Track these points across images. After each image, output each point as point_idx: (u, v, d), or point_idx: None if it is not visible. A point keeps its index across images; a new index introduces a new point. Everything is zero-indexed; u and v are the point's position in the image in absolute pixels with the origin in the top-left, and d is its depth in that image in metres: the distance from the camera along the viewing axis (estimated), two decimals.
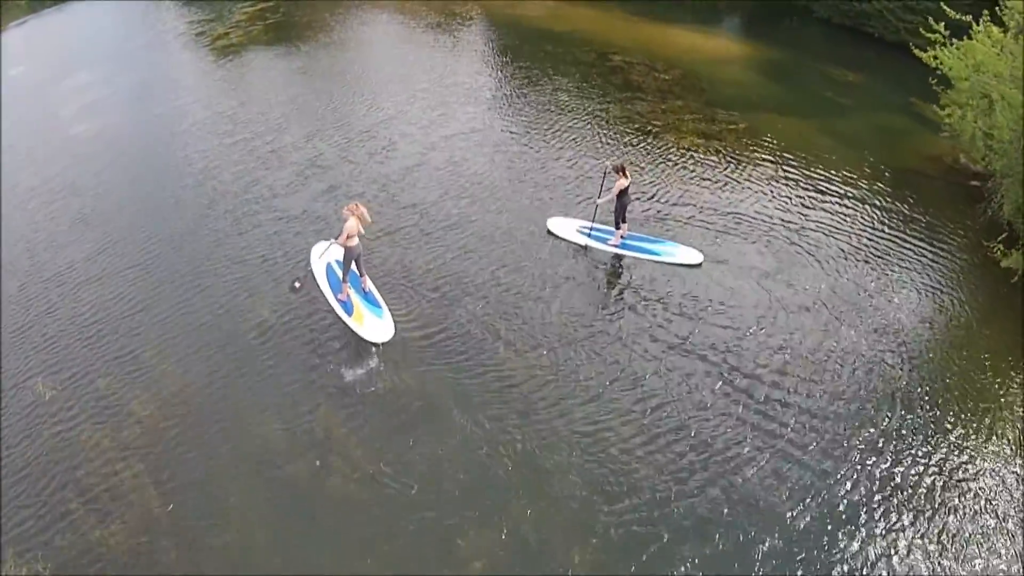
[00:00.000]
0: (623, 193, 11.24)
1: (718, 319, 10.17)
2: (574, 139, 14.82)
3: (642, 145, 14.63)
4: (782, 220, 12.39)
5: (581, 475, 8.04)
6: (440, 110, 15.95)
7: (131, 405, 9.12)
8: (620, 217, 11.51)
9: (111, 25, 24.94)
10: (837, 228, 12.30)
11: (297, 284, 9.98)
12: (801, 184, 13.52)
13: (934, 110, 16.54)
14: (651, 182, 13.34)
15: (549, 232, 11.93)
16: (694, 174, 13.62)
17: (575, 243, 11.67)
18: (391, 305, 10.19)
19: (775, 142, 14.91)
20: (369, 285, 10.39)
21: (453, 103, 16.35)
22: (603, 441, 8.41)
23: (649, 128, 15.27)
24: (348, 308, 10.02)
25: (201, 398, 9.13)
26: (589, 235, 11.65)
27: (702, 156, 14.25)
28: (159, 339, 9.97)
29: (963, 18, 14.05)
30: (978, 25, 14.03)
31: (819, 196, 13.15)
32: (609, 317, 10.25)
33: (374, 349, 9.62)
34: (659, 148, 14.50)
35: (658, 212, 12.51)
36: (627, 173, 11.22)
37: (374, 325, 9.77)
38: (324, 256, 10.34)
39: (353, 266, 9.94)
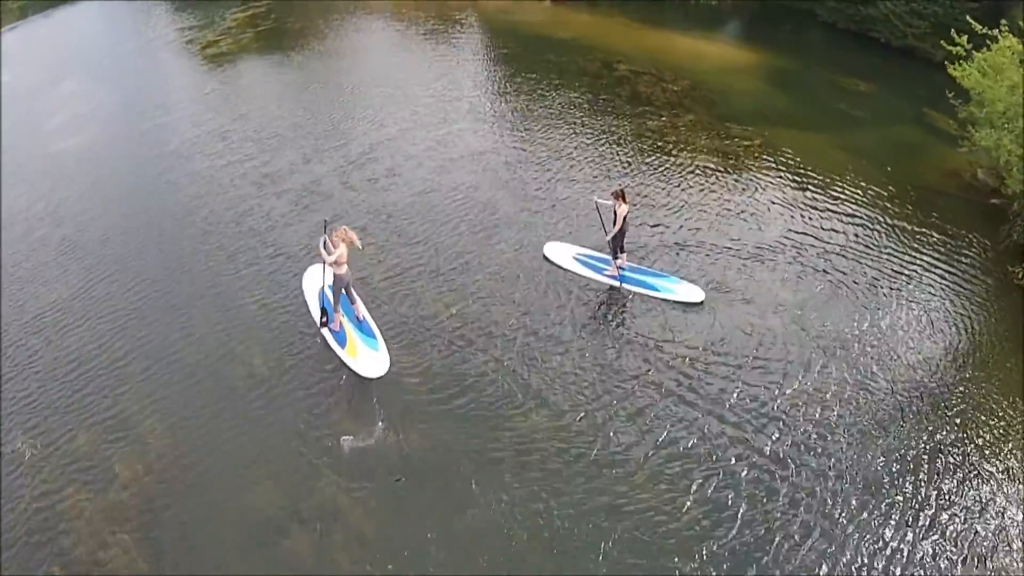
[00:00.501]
0: (624, 220, 10.26)
1: (757, 372, 9.22)
2: (587, 160, 13.78)
3: (656, 165, 13.64)
4: (807, 245, 11.54)
5: (619, 559, 7.14)
6: (443, 128, 14.88)
7: (116, 467, 8.17)
8: (619, 246, 10.51)
9: (100, 31, 23.63)
10: (864, 254, 11.47)
11: (324, 319, 9.33)
12: (822, 205, 12.65)
13: (947, 121, 15.95)
14: (667, 207, 12.38)
15: (545, 258, 11.01)
16: (712, 197, 12.69)
17: (574, 273, 10.75)
18: (399, 356, 9.26)
19: (792, 159, 14.01)
20: (363, 312, 9.61)
21: (457, 120, 15.28)
22: (641, 520, 7.49)
23: (662, 146, 14.29)
24: (341, 339, 9.24)
25: (191, 460, 8.17)
26: (619, 275, 10.66)
27: (719, 176, 13.31)
28: (145, 394, 8.95)
29: (990, 32, 13.29)
30: (1000, 35, 13.31)
31: (842, 218, 12.29)
32: (642, 372, 9.22)
33: (376, 404, 8.73)
34: (673, 169, 13.53)
35: (675, 240, 11.57)
36: (626, 198, 10.22)
37: (368, 358, 8.96)
38: (322, 282, 9.59)
39: (344, 293, 9.30)
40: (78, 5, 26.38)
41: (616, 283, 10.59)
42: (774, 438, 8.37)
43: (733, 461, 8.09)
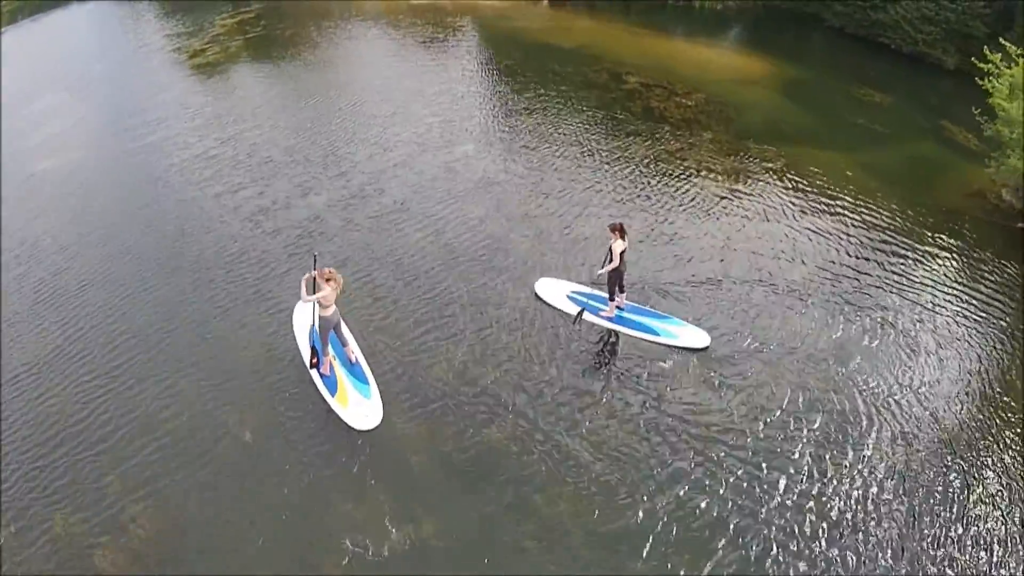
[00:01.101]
0: (619, 257, 8.97)
1: (803, 442, 7.95)
2: (604, 189, 12.35)
3: (678, 192, 12.29)
4: (842, 278, 10.39)
5: None
6: (449, 152, 13.38)
7: (97, 560, 6.92)
8: (616, 285, 9.26)
9: (86, 37, 21.91)
10: (902, 292, 10.27)
11: (315, 360, 8.46)
12: (854, 233, 11.42)
13: (965, 135, 14.86)
14: (691, 239, 11.08)
15: (536, 297, 9.78)
16: (738, 227, 11.42)
17: (565, 312, 9.48)
18: (400, 415, 8.05)
19: (818, 182, 12.76)
20: (356, 355, 8.60)
21: (464, 141, 13.80)
22: None
23: (682, 171, 12.94)
24: (331, 385, 8.32)
25: (178, 554, 6.93)
26: (585, 306, 9.43)
27: (744, 203, 12.03)
28: (128, 475, 7.61)
29: (1019, 51, 12.20)
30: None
31: (876, 248, 11.12)
32: (670, 447, 7.88)
33: (377, 479, 7.47)
34: (696, 196, 12.23)
35: (705, 277, 10.28)
36: (624, 234, 8.91)
37: (360, 407, 8.10)
38: (312, 321, 8.56)
39: (334, 333, 8.41)
40: (70, 8, 24.63)
41: (612, 325, 9.32)
42: (832, 542, 7.06)
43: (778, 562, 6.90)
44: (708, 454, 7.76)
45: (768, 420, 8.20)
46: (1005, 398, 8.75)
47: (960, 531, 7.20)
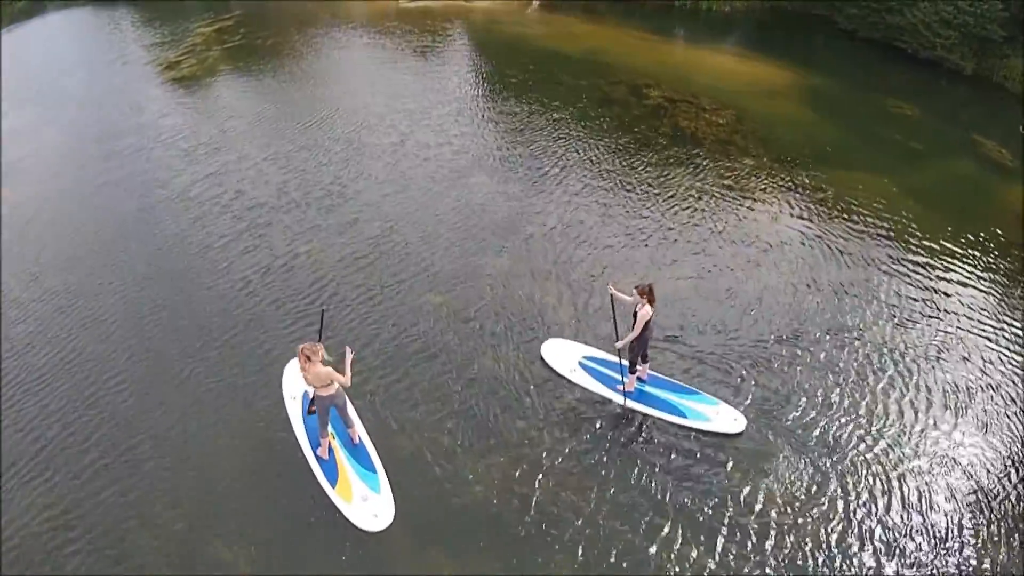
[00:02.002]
0: (645, 325, 7.19)
1: None
2: (649, 232, 10.26)
3: (729, 236, 10.24)
4: (922, 336, 8.60)
5: None
6: (468, 190, 11.13)
7: None
8: (639, 355, 7.44)
9: (59, 49, 18.80)
10: (995, 349, 8.58)
11: (313, 408, 6.80)
12: (923, 280, 9.57)
13: (999, 150, 13.41)
14: (743, 291, 9.12)
15: (541, 359, 7.97)
16: (798, 274, 9.51)
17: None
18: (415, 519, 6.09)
19: (868, 213, 10.88)
20: (360, 435, 7.02)
21: (483, 176, 11.54)
22: None
23: (729, 206, 10.91)
24: (331, 474, 6.74)
25: None
26: (617, 390, 7.61)
27: (804, 246, 10.10)
28: None
29: None
30: None
31: (951, 299, 9.29)
32: None
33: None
34: (750, 238, 10.21)
35: (773, 335, 8.42)
36: (653, 298, 7.13)
37: (365, 500, 6.49)
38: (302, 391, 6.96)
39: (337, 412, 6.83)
40: (48, 17, 21.52)
41: (630, 402, 7.55)
42: None
43: None
44: None
45: (874, 548, 6.39)
46: None
47: None
